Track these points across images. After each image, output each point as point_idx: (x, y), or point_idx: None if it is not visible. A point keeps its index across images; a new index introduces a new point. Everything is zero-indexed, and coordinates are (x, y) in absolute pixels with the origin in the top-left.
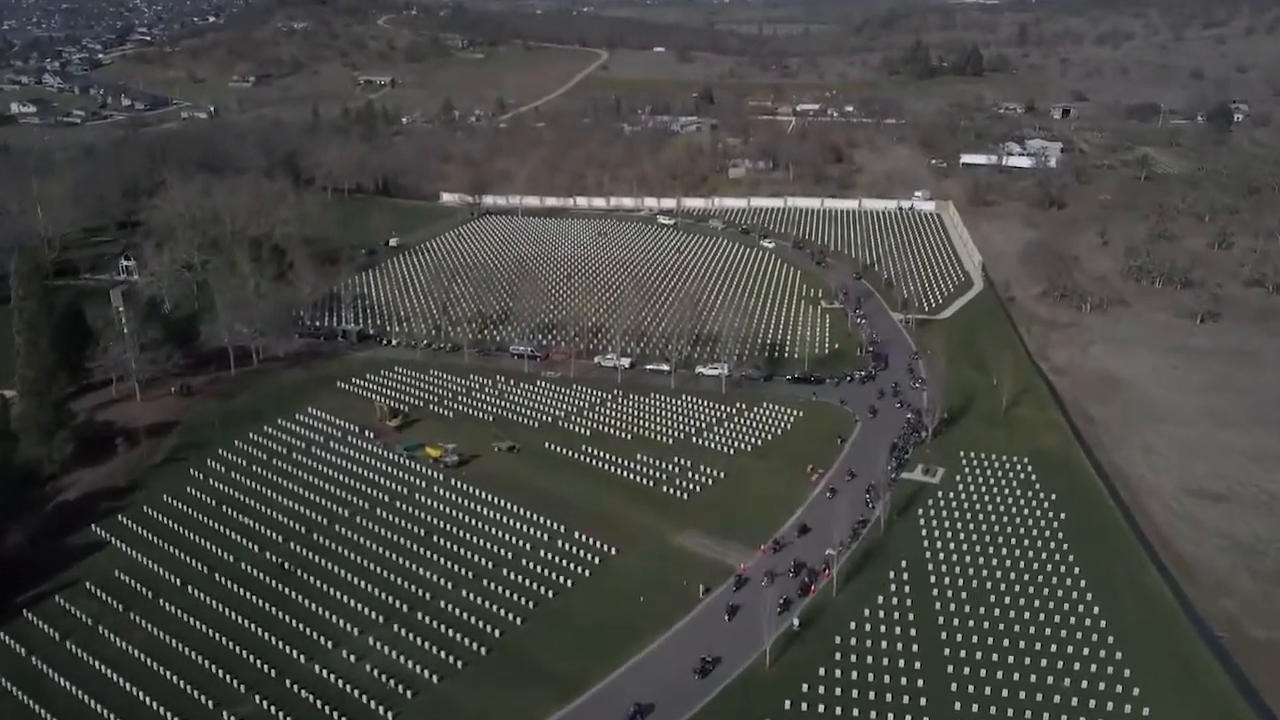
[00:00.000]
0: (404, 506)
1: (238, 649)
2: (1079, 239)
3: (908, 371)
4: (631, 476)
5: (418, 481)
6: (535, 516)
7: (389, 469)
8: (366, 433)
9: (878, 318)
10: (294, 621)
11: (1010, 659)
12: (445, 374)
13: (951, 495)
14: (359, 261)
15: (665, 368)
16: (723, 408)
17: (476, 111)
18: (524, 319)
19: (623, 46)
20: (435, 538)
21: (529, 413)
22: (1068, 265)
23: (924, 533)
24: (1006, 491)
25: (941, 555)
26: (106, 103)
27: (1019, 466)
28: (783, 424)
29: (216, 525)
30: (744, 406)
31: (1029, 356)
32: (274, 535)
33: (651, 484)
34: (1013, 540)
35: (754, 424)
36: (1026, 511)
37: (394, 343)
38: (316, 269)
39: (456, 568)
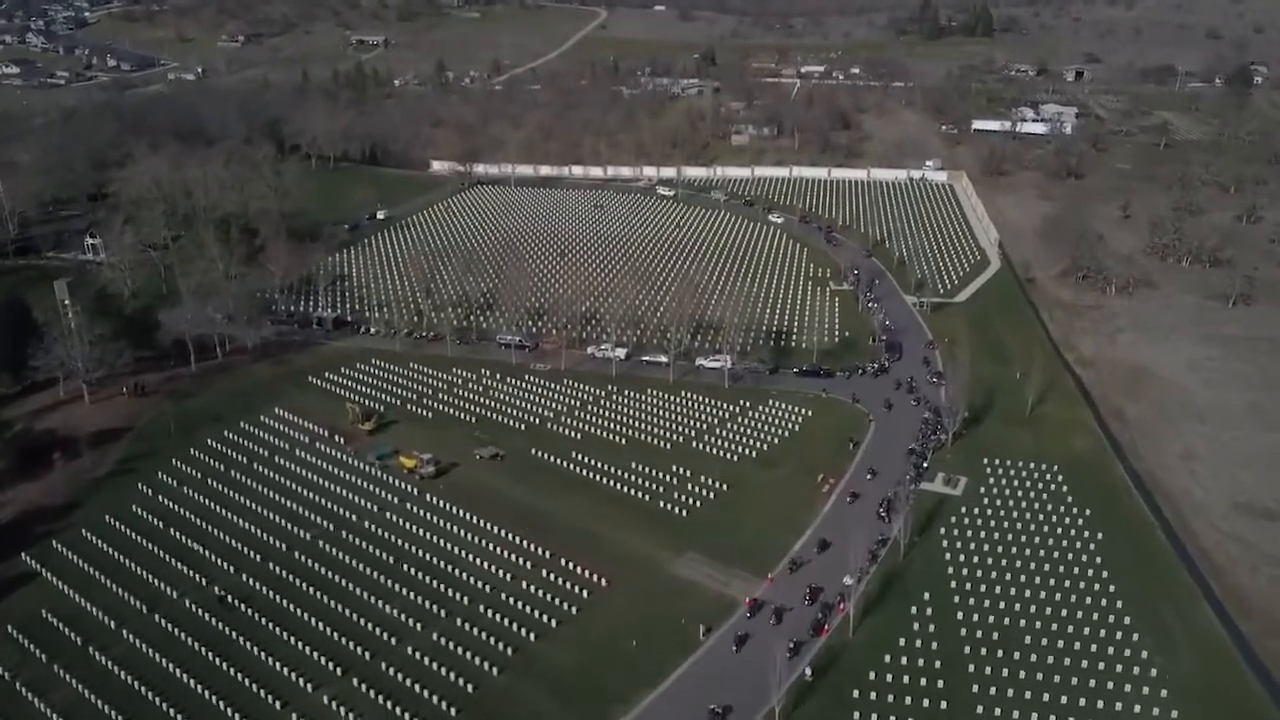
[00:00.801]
0: (373, 528)
1: (171, 710)
2: (1099, 212)
3: (923, 364)
4: (625, 489)
5: (389, 497)
6: (518, 540)
7: (359, 482)
8: (337, 438)
9: (890, 301)
10: (239, 674)
11: (1051, 718)
12: (426, 367)
13: (976, 511)
14: (339, 239)
15: (663, 359)
16: (725, 406)
17: (471, 73)
18: (512, 304)
19: (622, 5)
20: (405, 566)
21: (515, 412)
22: (1091, 243)
23: (947, 556)
24: (1036, 507)
25: (968, 586)
26: (91, 64)
27: (1048, 477)
28: (790, 425)
29: (161, 552)
30: (748, 405)
31: (1053, 346)
32: (225, 564)
33: (647, 497)
34: (1046, 567)
35: (759, 425)
36: (1060, 531)
37: (373, 331)
38: (292, 249)
39: (427, 604)
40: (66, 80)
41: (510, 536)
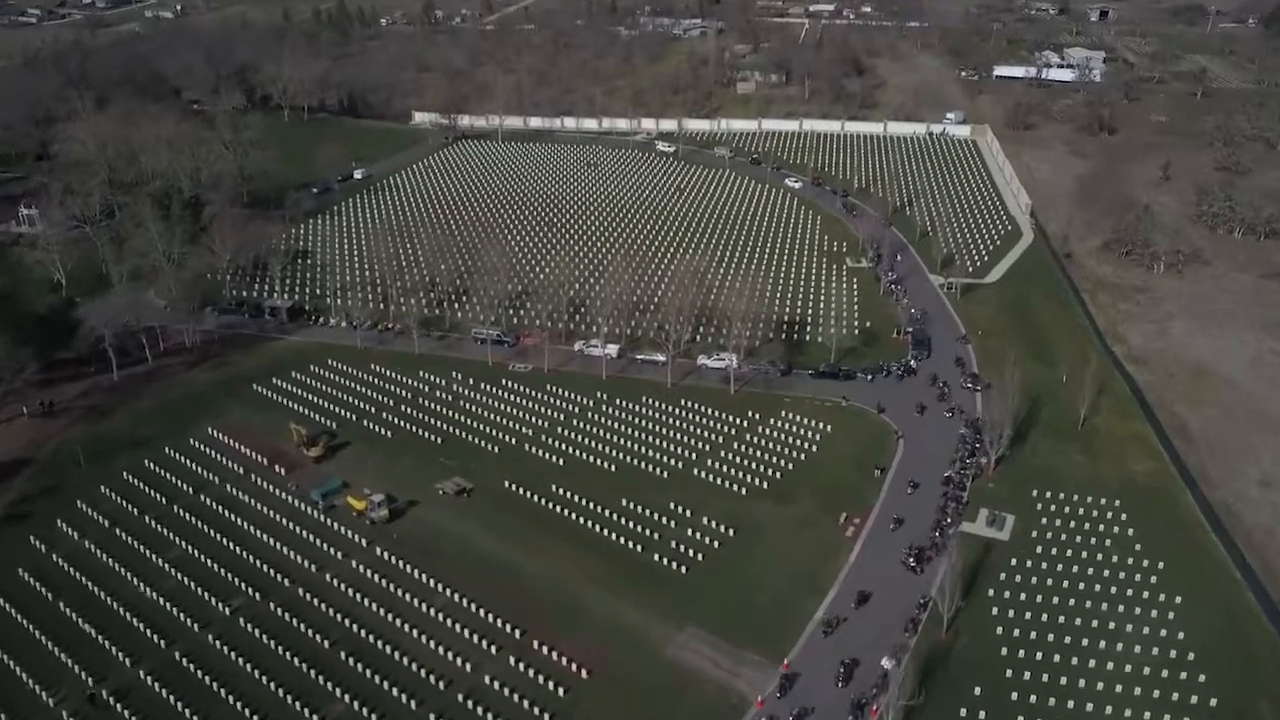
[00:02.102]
0: (306, 596)
1: None
2: (1136, 173)
3: (955, 364)
4: (614, 535)
5: (331, 552)
6: (481, 612)
7: (297, 530)
8: (277, 468)
9: (914, 281)
10: None
11: None
12: (389, 369)
13: (1028, 564)
14: (304, 206)
15: (660, 358)
16: (731, 419)
17: (463, 11)
18: (489, 290)
19: None
20: (341, 652)
21: (489, 429)
22: (1135, 212)
23: (999, 630)
24: (1099, 558)
25: (1028, 674)
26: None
27: (1109, 513)
28: (806, 443)
29: (40, 634)
30: (757, 416)
31: (1099, 338)
32: (116, 650)
33: (640, 547)
34: (1117, 647)
35: (770, 444)
36: (1130, 592)
37: (333, 322)
38: (245, 223)
39: (362, 708)
40: (38, 18)
41: (473, 606)
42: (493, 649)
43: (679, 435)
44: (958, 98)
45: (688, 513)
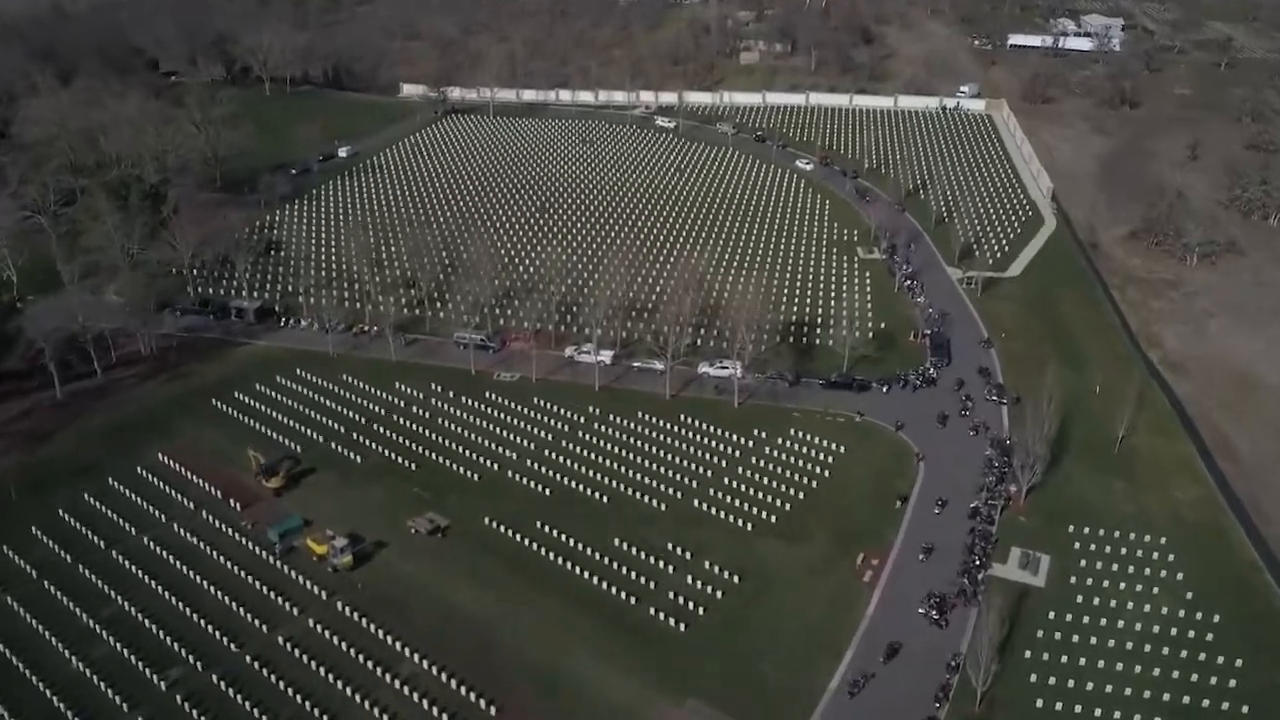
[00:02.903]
0: (254, 664)
1: None
2: (1161, 151)
3: (978, 373)
4: (605, 584)
5: (286, 606)
6: (452, 682)
7: (249, 580)
8: (232, 502)
9: (930, 274)
10: None
11: None
12: (362, 381)
13: (1068, 616)
14: (280, 190)
15: (658, 366)
16: (735, 438)
17: None
18: (474, 288)
19: None
20: None
21: (469, 451)
22: (1166, 199)
23: (1037, 701)
24: (1148, 608)
25: None
26: None
27: (1155, 553)
28: (818, 467)
29: None
30: (764, 435)
31: (1131, 340)
32: None
33: (635, 598)
34: None
35: (778, 468)
36: (1184, 654)
37: (303, 323)
38: (211, 213)
39: None
40: None
41: (442, 676)
42: None
43: (678, 459)
44: (971, 68)
45: (688, 555)
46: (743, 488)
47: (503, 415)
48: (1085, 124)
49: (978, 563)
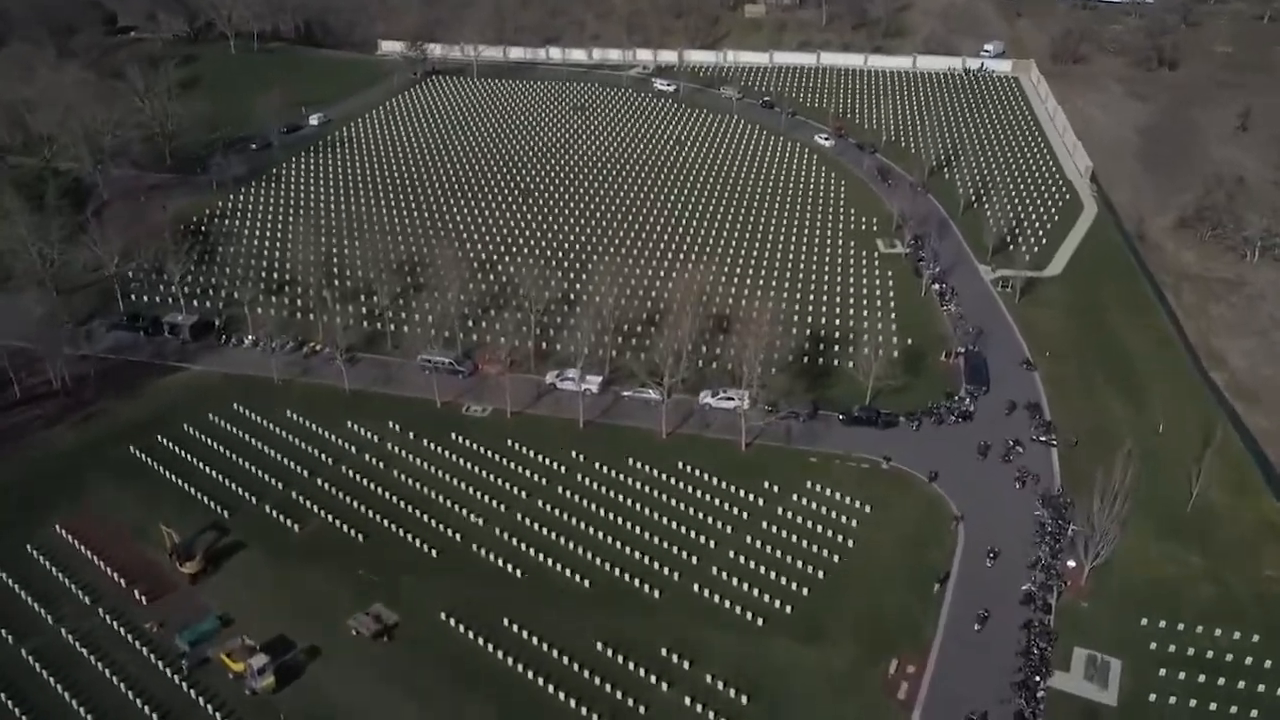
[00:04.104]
0: None
1: None
2: (1206, 118)
3: (1027, 410)
4: (585, 709)
5: None
6: None
7: (145, 708)
8: (137, 594)
9: (960, 273)
10: None
11: None
12: (308, 418)
13: None
14: (233, 171)
15: (653, 396)
16: (743, 494)
17: None
18: (444, 297)
19: None
20: None
21: (429, 517)
22: (1221, 181)
23: None
24: None
25: None
26: None
27: (1248, 658)
28: (839, 534)
29: None
30: (777, 490)
31: (1193, 359)
32: None
33: None
34: None
35: (794, 535)
36: None
37: (247, 341)
38: (154, 201)
39: None
40: None
41: None
42: None
43: (675, 523)
44: (994, 22)
45: (686, 663)
46: (752, 564)
47: (469, 464)
48: (1120, 87)
49: (1036, 677)
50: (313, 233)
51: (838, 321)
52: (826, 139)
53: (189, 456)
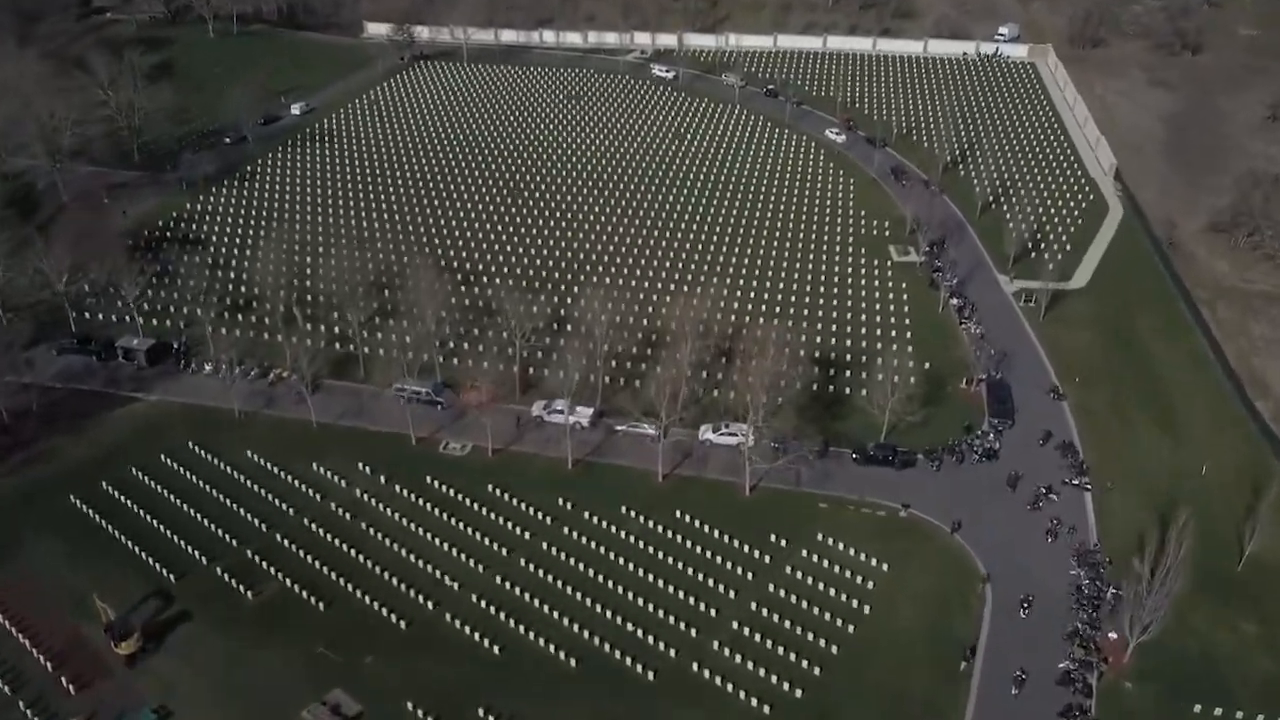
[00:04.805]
0: None
1: None
2: (1233, 109)
3: (1060, 450)
4: None
5: None
6: None
7: None
8: (64, 681)
9: (979, 285)
10: None
11: None
12: (270, 460)
13: None
14: (203, 169)
15: (648, 430)
16: (747, 550)
17: None
18: (422, 319)
19: None
20: None
21: (398, 580)
22: (1258, 181)
23: None
24: None
25: None
26: None
27: None
28: (855, 598)
29: None
30: (784, 543)
31: (1234, 385)
32: None
33: None
34: None
35: (804, 600)
36: None
37: (208, 367)
38: (98, 224)
39: None
40: None
41: None
42: None
43: (673, 586)
44: (1008, 3)
45: None
46: (758, 636)
47: (445, 514)
48: (1142, 74)
49: None
50: (284, 241)
51: (848, 342)
52: (838, 134)
53: (135, 508)
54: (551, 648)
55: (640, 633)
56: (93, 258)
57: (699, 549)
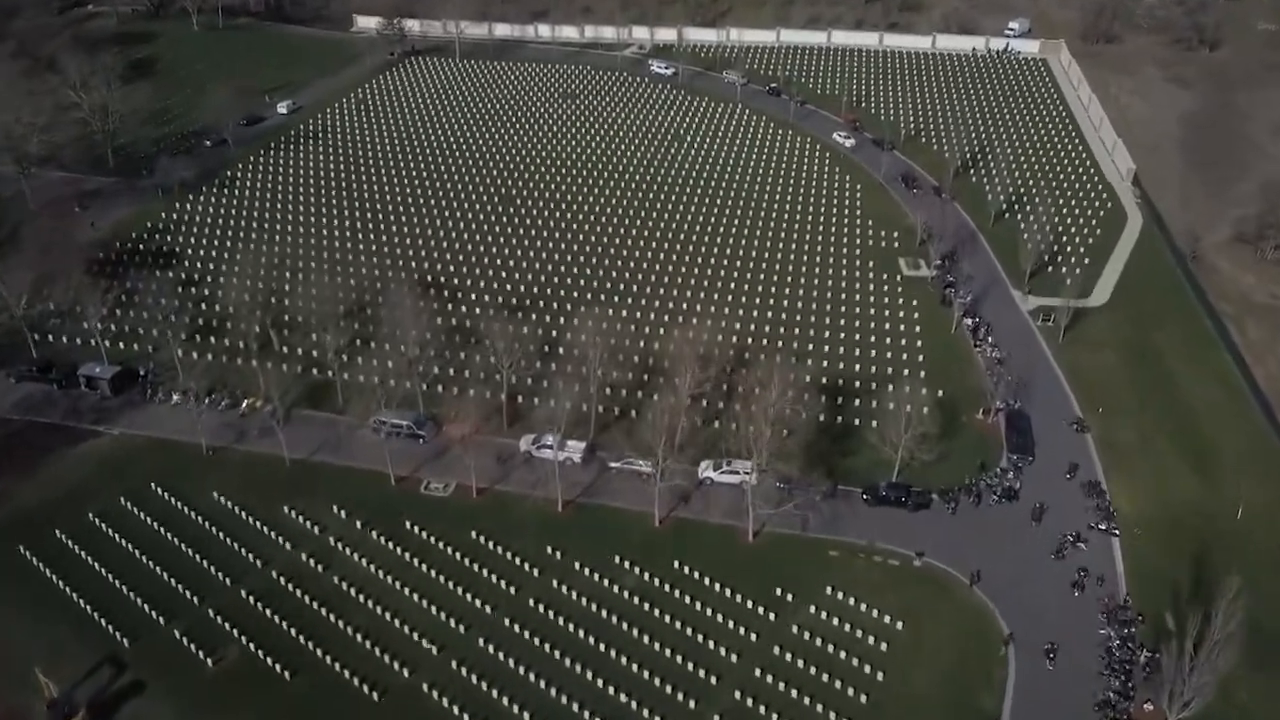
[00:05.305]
0: None
1: None
2: (1254, 109)
3: (1072, 472)
4: None
5: None
6: None
7: None
8: None
9: (994, 303)
10: None
11: None
12: (237, 503)
13: None
14: (178, 174)
15: (644, 468)
16: (750, 606)
17: None
18: (401, 342)
19: None
20: None
21: (372, 643)
22: None
23: None
24: None
25: None
26: None
27: None
28: (868, 664)
29: None
30: (791, 598)
31: (1268, 414)
32: None
33: None
34: None
35: (812, 665)
36: None
37: (176, 396)
38: (70, 224)
39: None
40: None
41: None
42: None
43: (669, 649)
44: None
45: None
46: (762, 708)
47: (425, 566)
48: (1158, 71)
49: None
50: (262, 255)
51: (857, 367)
52: (846, 137)
53: (91, 560)
54: None
55: (634, 704)
56: (57, 275)
57: (698, 605)
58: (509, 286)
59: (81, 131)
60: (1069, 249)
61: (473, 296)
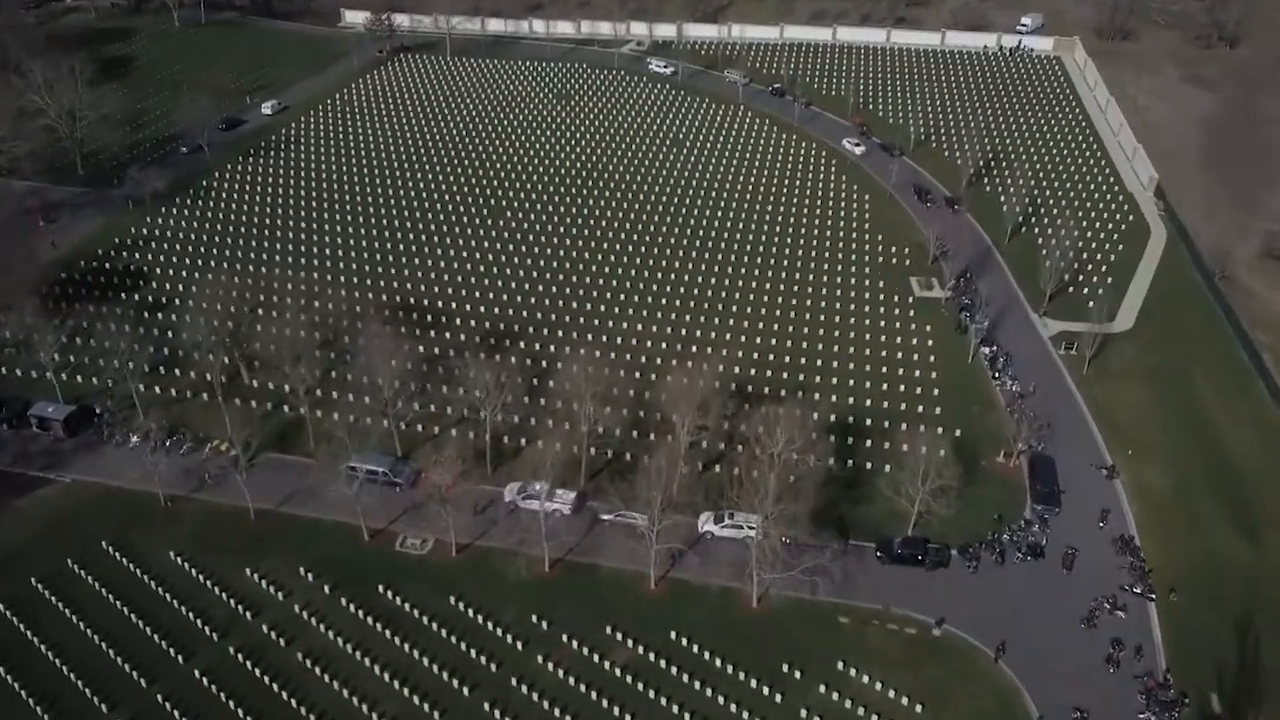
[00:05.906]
0: None
1: None
2: (1275, 107)
3: (1102, 524)
4: None
5: None
6: None
7: None
8: None
9: (1010, 327)
10: None
11: None
12: (194, 565)
13: None
14: (150, 185)
15: (639, 521)
16: (754, 687)
17: None
18: (379, 372)
19: None
20: None
21: None
22: None
23: None
24: None
25: None
26: None
27: None
28: None
29: None
30: (799, 677)
31: None
32: None
33: None
34: None
35: None
36: None
37: (134, 438)
38: (30, 242)
39: None
40: None
41: None
42: None
43: None
44: None
45: None
46: None
47: (398, 639)
48: (1177, 70)
49: None
50: (235, 276)
51: (868, 403)
52: (855, 144)
53: (31, 635)
54: None
55: None
56: (12, 300)
57: (697, 684)
58: (496, 310)
59: (48, 138)
60: (1089, 267)
61: (457, 321)
